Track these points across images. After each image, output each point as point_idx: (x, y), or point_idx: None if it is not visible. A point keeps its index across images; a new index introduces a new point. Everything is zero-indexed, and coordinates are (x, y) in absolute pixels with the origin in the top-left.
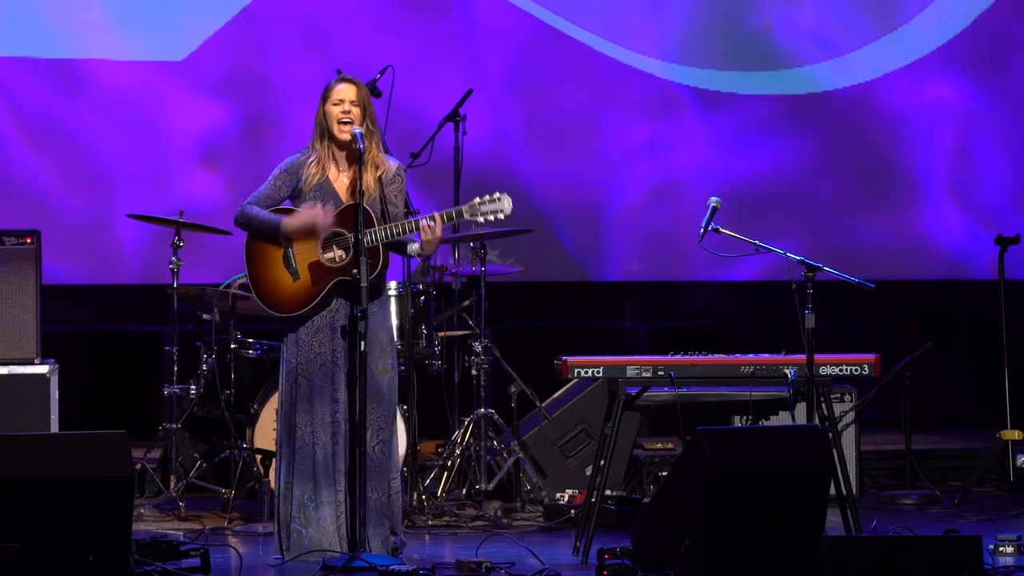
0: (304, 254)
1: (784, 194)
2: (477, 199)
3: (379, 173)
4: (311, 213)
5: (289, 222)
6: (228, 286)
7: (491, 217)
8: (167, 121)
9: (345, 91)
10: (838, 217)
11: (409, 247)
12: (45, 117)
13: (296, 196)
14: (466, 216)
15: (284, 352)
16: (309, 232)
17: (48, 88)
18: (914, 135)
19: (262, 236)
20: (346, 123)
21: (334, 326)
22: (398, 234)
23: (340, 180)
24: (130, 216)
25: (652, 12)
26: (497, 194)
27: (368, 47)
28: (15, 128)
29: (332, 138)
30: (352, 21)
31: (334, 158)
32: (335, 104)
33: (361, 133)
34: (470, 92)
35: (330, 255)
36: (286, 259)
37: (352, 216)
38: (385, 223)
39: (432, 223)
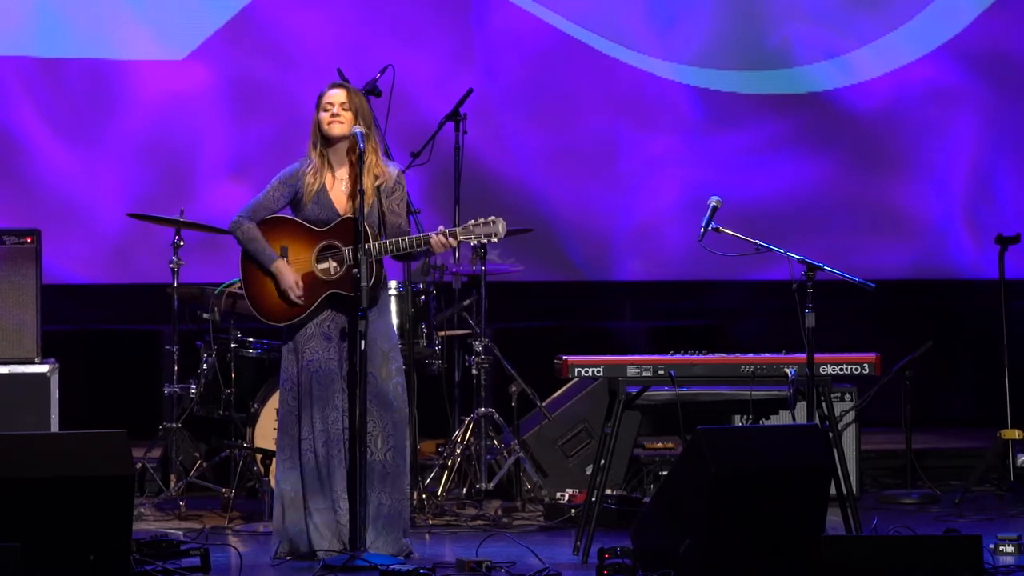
0: (299, 264)
1: (786, 200)
2: (471, 221)
3: (379, 183)
4: (291, 286)
5: (280, 269)
6: (226, 288)
7: (484, 240)
8: (167, 120)
9: (335, 95)
10: (840, 222)
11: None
12: (45, 116)
13: (295, 205)
14: (460, 238)
15: (282, 360)
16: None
17: (48, 87)
18: (914, 134)
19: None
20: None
21: (328, 335)
22: (401, 249)
23: (336, 188)
24: (130, 215)
25: (662, 18)
26: (492, 217)
27: (371, 46)
28: (15, 127)
29: (326, 143)
30: (355, 20)
31: (329, 164)
32: (324, 110)
33: (362, 133)
34: (470, 92)
35: (324, 266)
36: None
37: (347, 228)
38: (383, 235)
39: (443, 239)
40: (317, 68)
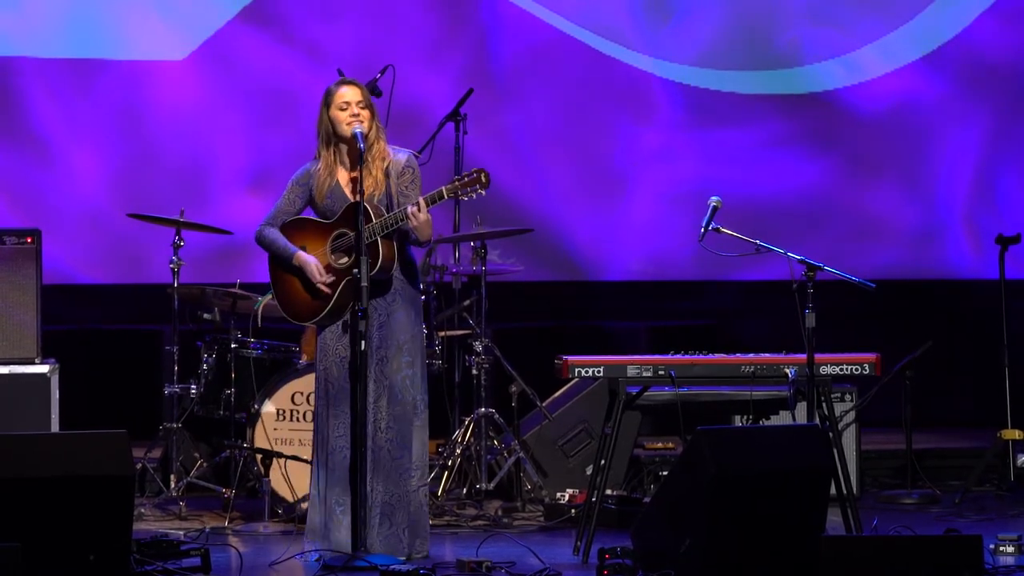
0: (317, 260)
1: (786, 200)
2: (456, 178)
3: (386, 164)
4: (314, 272)
5: (301, 259)
6: (265, 299)
7: (472, 195)
8: (168, 120)
9: (350, 94)
10: (840, 222)
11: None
12: (45, 115)
13: (311, 204)
14: (447, 196)
15: (317, 359)
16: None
17: (49, 86)
18: (915, 134)
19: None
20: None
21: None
22: (390, 225)
23: (350, 182)
24: (130, 215)
25: (663, 17)
26: (475, 171)
27: (372, 45)
28: (16, 127)
29: (340, 141)
30: (356, 19)
31: (342, 161)
32: (341, 109)
33: (362, 133)
34: (471, 92)
35: (337, 255)
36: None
37: (354, 215)
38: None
39: (415, 208)
40: (319, 66)
